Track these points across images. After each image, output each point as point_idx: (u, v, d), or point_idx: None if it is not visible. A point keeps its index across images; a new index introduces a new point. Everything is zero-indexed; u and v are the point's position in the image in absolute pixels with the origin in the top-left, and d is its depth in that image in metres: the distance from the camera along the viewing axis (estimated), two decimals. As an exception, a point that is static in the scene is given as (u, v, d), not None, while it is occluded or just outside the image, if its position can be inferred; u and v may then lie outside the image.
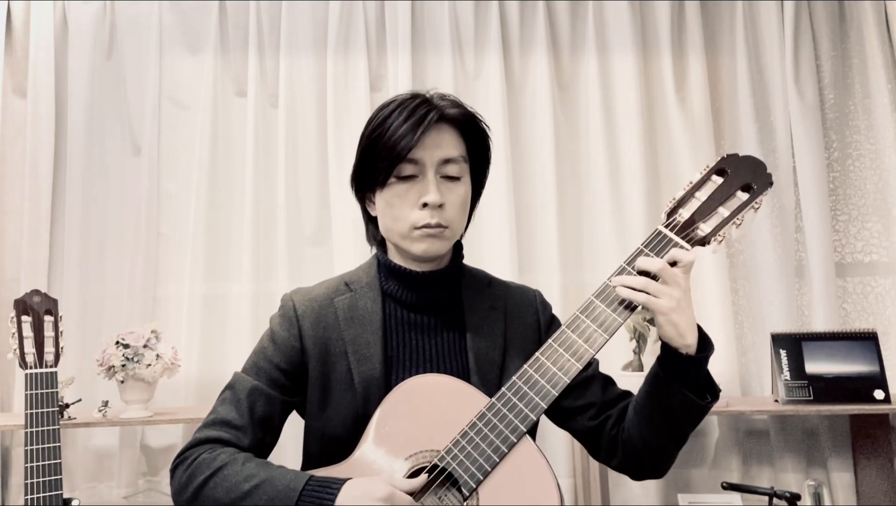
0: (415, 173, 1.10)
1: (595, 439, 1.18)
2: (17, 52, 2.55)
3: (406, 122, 1.07)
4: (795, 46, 2.50)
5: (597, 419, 1.16)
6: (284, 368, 1.13)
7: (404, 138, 1.07)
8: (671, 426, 1.07)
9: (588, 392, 1.18)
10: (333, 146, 2.53)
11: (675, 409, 1.05)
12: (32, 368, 1.79)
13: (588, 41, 2.59)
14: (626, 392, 1.20)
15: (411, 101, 1.11)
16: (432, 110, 1.09)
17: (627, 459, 1.13)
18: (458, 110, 1.13)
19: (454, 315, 1.18)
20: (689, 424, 1.07)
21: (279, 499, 0.96)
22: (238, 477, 0.99)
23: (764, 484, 2.23)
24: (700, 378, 1.05)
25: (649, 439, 1.08)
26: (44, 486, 1.71)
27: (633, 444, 1.10)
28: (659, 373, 1.04)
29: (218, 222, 2.53)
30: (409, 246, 1.12)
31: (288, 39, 2.59)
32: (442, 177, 1.11)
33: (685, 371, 1.02)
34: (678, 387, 1.02)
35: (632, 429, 1.10)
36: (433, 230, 1.09)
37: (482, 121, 1.17)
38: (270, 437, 1.12)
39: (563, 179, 2.54)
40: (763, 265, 2.48)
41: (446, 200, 1.10)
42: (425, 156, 1.09)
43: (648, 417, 1.07)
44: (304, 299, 1.18)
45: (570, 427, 1.21)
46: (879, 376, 2.09)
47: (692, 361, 1.02)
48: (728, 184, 1.08)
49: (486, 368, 1.14)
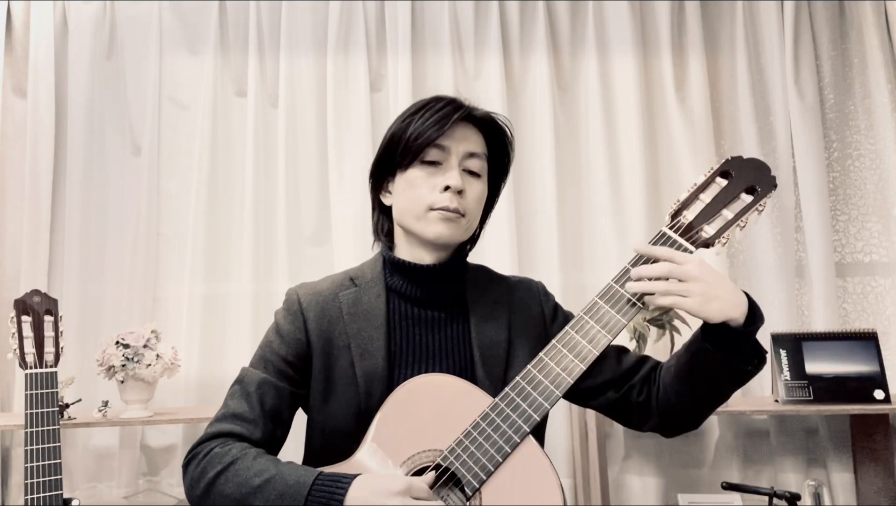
0: (439, 160, 1.13)
1: (623, 409, 1.19)
2: (17, 52, 2.55)
3: (437, 114, 1.12)
4: (795, 46, 2.50)
5: (620, 391, 1.17)
6: (291, 361, 1.13)
7: (435, 126, 1.11)
8: (716, 391, 1.08)
9: (605, 370, 1.18)
10: (333, 146, 2.53)
11: (722, 375, 1.05)
12: (32, 368, 1.78)
13: (588, 41, 2.59)
14: (642, 358, 1.20)
15: (440, 101, 1.16)
16: (462, 108, 1.14)
17: (663, 420, 1.15)
18: (486, 114, 1.18)
19: (458, 309, 1.19)
20: (735, 386, 1.08)
21: (289, 494, 0.96)
22: (249, 472, 0.99)
23: (764, 484, 2.23)
24: (748, 347, 1.04)
25: (690, 401, 1.10)
26: (44, 486, 1.71)
27: (671, 407, 1.11)
28: (702, 344, 1.03)
29: (218, 222, 2.53)
30: (422, 228, 1.13)
31: (288, 39, 2.59)
32: (464, 170, 1.15)
33: (733, 342, 1.02)
34: (724, 355, 1.02)
35: (671, 395, 1.11)
36: (451, 214, 1.12)
37: (509, 129, 1.21)
38: (281, 430, 1.12)
39: (563, 179, 2.54)
40: (763, 265, 2.48)
41: (467, 190, 1.14)
42: (452, 145, 1.13)
43: (691, 384, 1.08)
44: (309, 293, 1.18)
45: (595, 406, 1.21)
46: (879, 376, 2.09)
47: (739, 333, 1.01)
48: (732, 186, 1.08)
49: (491, 362, 1.14)
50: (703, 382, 1.06)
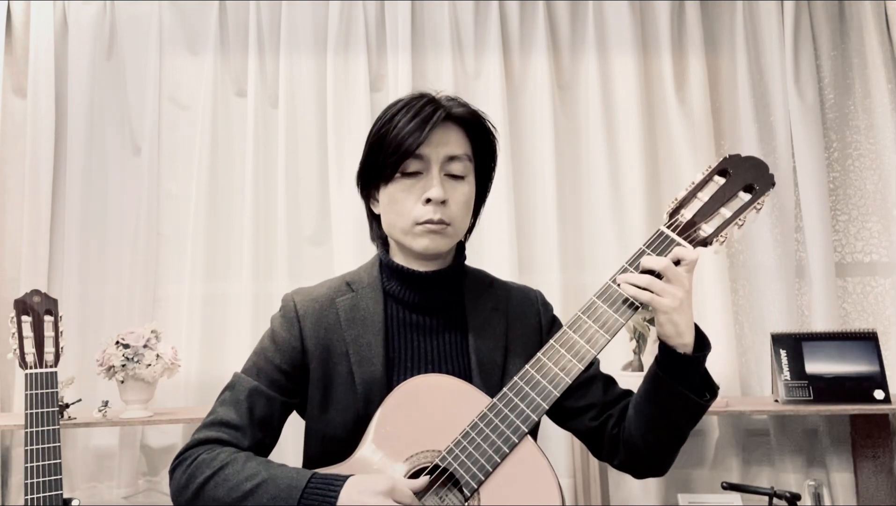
0: (419, 170, 1.10)
1: (597, 438, 1.18)
2: (17, 52, 2.55)
3: (413, 120, 1.08)
4: (795, 46, 2.50)
5: (598, 419, 1.17)
6: (285, 369, 1.13)
7: (412, 135, 1.07)
8: (671, 425, 1.07)
9: (589, 393, 1.18)
10: (333, 146, 2.53)
11: (674, 408, 1.05)
12: (32, 368, 1.78)
13: (588, 41, 2.59)
14: (627, 391, 1.20)
15: (418, 101, 1.12)
16: (439, 109, 1.10)
17: (629, 457, 1.14)
18: (465, 110, 1.14)
19: (456, 316, 1.18)
20: (689, 422, 1.08)
21: (282, 497, 0.95)
22: (239, 476, 0.99)
23: (764, 484, 2.23)
24: (698, 377, 1.05)
25: (649, 437, 1.08)
26: (44, 486, 1.71)
27: (633, 443, 1.11)
28: (657, 372, 1.04)
29: (218, 222, 2.53)
30: (410, 242, 1.12)
31: (288, 39, 2.59)
32: (446, 175, 1.12)
33: (683, 370, 1.03)
34: (677, 386, 1.03)
35: (632, 428, 1.10)
36: (435, 226, 1.10)
37: (488, 121, 1.18)
38: (270, 438, 1.12)
39: (563, 179, 2.54)
40: (763, 265, 2.48)
41: (450, 198, 1.11)
42: (431, 153, 1.10)
43: (648, 416, 1.07)
44: (306, 300, 1.17)
45: (572, 427, 1.21)
46: (879, 376, 2.09)
47: (690, 360, 1.02)
48: (730, 184, 1.08)
49: (487, 370, 1.14)
50: (658, 413, 1.06)
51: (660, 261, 1.01)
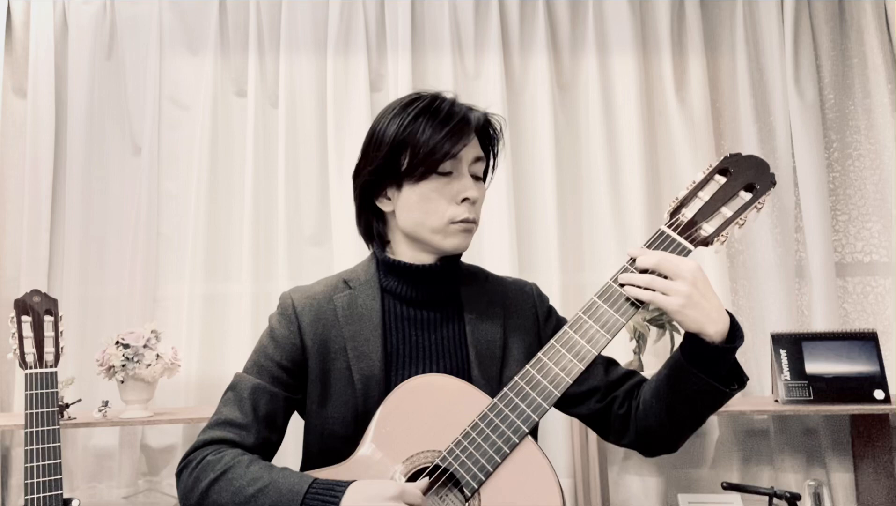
0: (451, 170, 1.12)
1: (603, 420, 1.19)
2: (17, 52, 2.55)
3: (449, 125, 1.10)
4: (795, 46, 2.50)
5: (603, 402, 1.17)
6: (286, 366, 1.13)
7: (450, 139, 1.09)
8: (692, 411, 1.07)
9: (591, 377, 1.18)
10: (333, 146, 2.53)
11: (697, 396, 1.04)
12: (32, 368, 1.78)
13: (588, 41, 2.59)
14: (630, 371, 1.21)
15: (442, 102, 1.13)
16: (472, 111, 1.14)
17: (640, 438, 1.14)
18: (481, 113, 1.17)
19: (453, 310, 1.19)
20: (711, 409, 1.07)
21: (283, 502, 0.96)
22: (242, 480, 0.99)
23: (764, 484, 2.23)
24: (725, 365, 1.03)
25: (667, 422, 1.08)
26: (44, 486, 1.71)
27: (648, 425, 1.11)
28: (680, 360, 1.03)
29: (218, 222, 2.53)
30: (440, 241, 1.13)
31: (288, 39, 2.59)
32: (471, 175, 1.15)
33: (709, 359, 1.01)
34: (700, 375, 1.01)
35: (649, 412, 1.10)
36: (470, 225, 1.13)
37: (500, 124, 1.21)
38: (276, 435, 1.12)
39: (563, 179, 2.54)
40: (763, 265, 2.48)
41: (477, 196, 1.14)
42: (464, 153, 1.12)
43: (668, 402, 1.07)
44: (303, 297, 1.18)
45: (577, 412, 1.21)
46: (879, 376, 2.09)
47: (716, 350, 1.00)
48: (731, 183, 1.08)
49: (486, 362, 1.14)
50: (679, 400, 1.05)
51: (650, 257, 1.01)
